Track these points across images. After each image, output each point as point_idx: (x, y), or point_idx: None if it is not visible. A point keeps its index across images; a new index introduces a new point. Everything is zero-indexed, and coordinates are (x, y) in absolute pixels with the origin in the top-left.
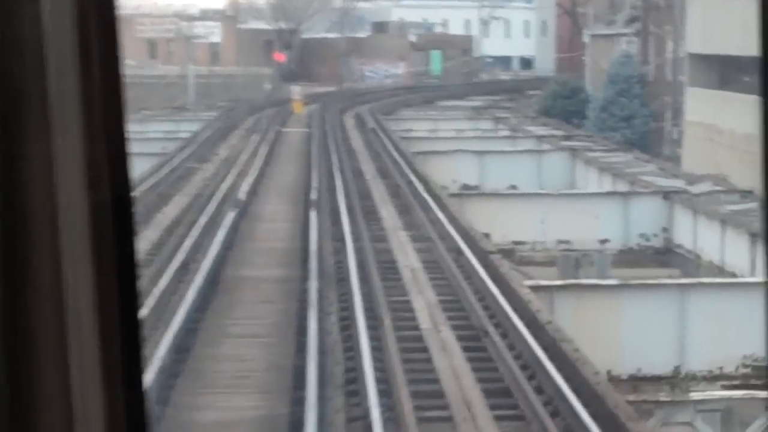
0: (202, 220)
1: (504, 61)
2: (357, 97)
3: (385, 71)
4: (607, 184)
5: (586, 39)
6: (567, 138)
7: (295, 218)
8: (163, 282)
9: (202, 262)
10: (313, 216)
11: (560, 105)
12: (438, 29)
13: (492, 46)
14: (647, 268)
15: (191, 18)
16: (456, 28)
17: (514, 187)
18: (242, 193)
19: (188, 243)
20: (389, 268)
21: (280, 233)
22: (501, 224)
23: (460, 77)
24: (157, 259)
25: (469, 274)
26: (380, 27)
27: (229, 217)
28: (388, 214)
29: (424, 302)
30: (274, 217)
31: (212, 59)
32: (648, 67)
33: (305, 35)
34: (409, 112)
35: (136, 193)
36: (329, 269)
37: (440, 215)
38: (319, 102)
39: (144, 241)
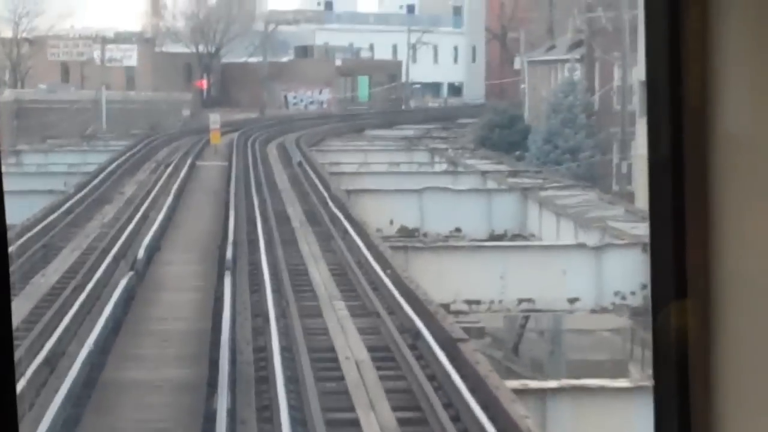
0: (89, 285)
1: (433, 88)
2: (281, 126)
3: (309, 97)
4: (567, 230)
5: (518, 65)
6: (514, 174)
7: (205, 285)
8: (18, 387)
9: (76, 357)
10: (227, 282)
11: (498, 135)
12: (365, 54)
13: (420, 72)
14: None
15: (106, 41)
16: (383, 53)
17: (458, 230)
18: (143, 248)
19: (64, 324)
20: (327, 362)
21: (183, 308)
22: (453, 280)
23: (388, 104)
24: (19, 348)
25: (434, 372)
26: (304, 51)
27: (123, 283)
28: (321, 277)
29: (377, 422)
30: (179, 283)
31: (128, 83)
32: (594, 95)
33: (226, 59)
34: (337, 143)
35: (16, 247)
36: (246, 368)
37: (384, 278)
38: (241, 131)
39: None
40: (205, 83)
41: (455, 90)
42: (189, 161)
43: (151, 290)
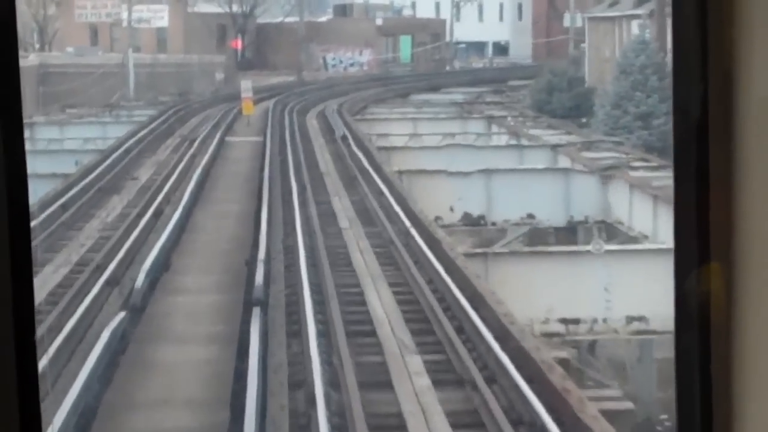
0: (69, 325)
1: (477, 47)
2: (320, 91)
3: (349, 59)
4: (667, 216)
5: (567, 22)
6: (588, 147)
7: (226, 330)
8: None
9: None
10: (255, 326)
11: (558, 99)
12: (407, 12)
13: (464, 30)
14: None
15: (136, 1)
16: (425, 11)
17: (531, 216)
18: (144, 270)
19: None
20: None
21: (191, 379)
22: (545, 293)
23: (432, 65)
24: None
25: None
26: (343, 10)
27: (108, 333)
28: (384, 310)
29: None
30: (189, 327)
31: (159, 46)
32: (666, 55)
33: (261, 19)
34: (382, 110)
35: None
36: None
37: (470, 310)
38: (277, 97)
39: None
40: (240, 43)
41: (501, 49)
42: (218, 136)
43: (148, 341)
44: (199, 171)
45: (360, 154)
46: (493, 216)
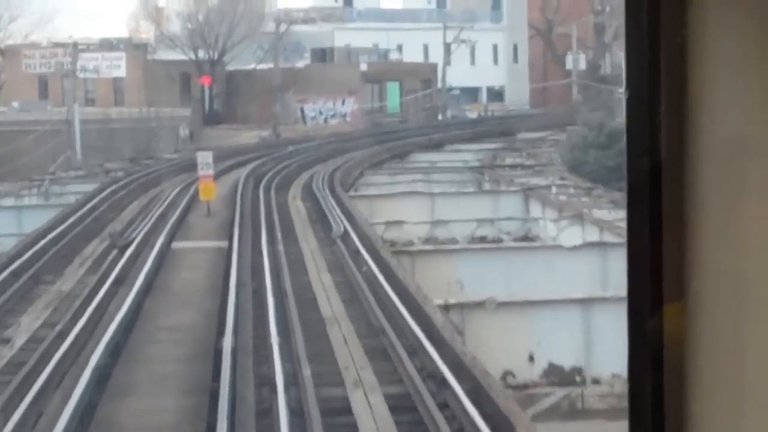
0: None
1: (469, 93)
2: (301, 154)
3: (330, 109)
4: None
5: (569, 65)
6: None
7: None
8: None
9: None
10: None
11: (596, 158)
12: (393, 56)
13: (456, 75)
14: None
15: (89, 49)
16: (413, 55)
17: None
18: None
19: None
20: None
21: None
22: None
23: (423, 115)
24: None
25: None
26: (322, 55)
27: None
28: None
29: None
30: None
31: (117, 98)
32: None
33: (231, 66)
34: (381, 179)
35: None
36: None
37: None
38: (249, 165)
39: None
40: (210, 80)
41: (495, 95)
42: (160, 242)
43: None
44: (118, 318)
45: (374, 270)
46: (594, 368)
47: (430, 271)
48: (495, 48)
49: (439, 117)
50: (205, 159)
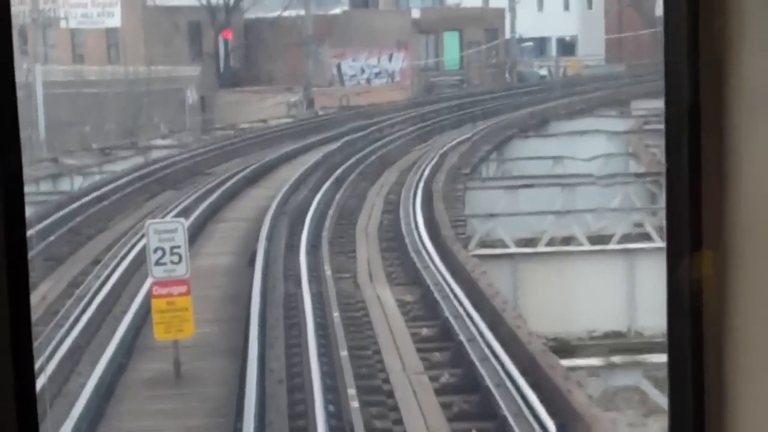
0: None
1: (536, 45)
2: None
3: (374, 66)
4: None
5: (659, 11)
6: None
7: None
8: None
9: None
10: None
11: None
12: (451, 1)
13: (520, 23)
14: None
15: None
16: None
17: None
18: None
19: None
20: None
21: None
22: None
23: (487, 74)
24: None
25: None
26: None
27: None
28: None
29: None
30: None
31: (111, 53)
32: None
33: (250, 13)
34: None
35: None
36: None
37: None
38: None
39: None
40: (231, 33)
41: (565, 47)
42: None
43: None
44: None
45: None
46: None
47: None
48: None
49: (507, 76)
50: (164, 237)
